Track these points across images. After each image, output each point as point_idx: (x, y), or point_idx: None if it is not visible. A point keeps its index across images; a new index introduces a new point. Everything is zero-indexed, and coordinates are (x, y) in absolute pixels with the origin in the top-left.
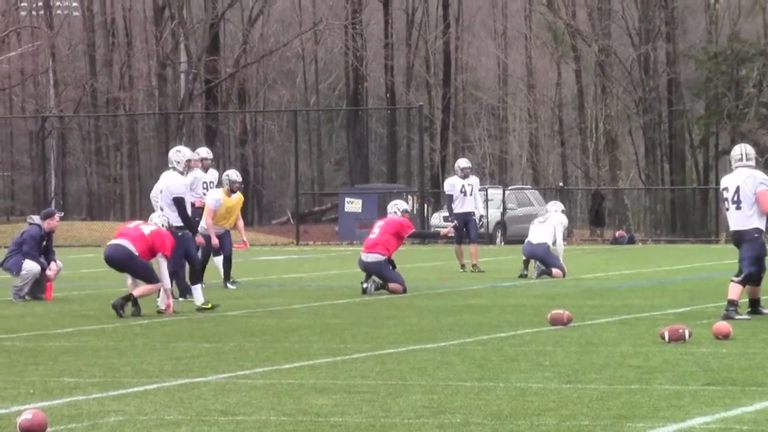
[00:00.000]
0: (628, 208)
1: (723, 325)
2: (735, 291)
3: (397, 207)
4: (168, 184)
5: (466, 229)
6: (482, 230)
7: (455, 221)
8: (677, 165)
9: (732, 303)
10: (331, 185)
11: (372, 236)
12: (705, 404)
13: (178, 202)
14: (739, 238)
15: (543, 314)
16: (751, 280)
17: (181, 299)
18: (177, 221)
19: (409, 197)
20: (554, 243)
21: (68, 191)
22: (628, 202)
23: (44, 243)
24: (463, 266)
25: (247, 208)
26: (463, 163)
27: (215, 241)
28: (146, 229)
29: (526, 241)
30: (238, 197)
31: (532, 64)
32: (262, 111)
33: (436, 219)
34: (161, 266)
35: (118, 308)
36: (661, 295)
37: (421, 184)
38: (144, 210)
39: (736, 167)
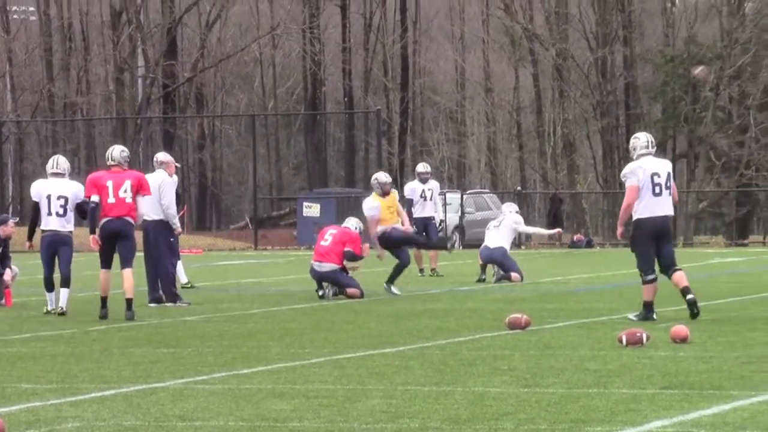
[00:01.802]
0: (586, 211)
1: (681, 329)
2: (684, 278)
3: (360, 225)
4: (76, 190)
5: (426, 234)
6: (441, 234)
7: (414, 226)
8: None
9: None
10: (289, 190)
11: (324, 243)
12: (663, 408)
13: (80, 207)
14: (668, 226)
15: (501, 318)
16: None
17: (170, 304)
18: (154, 215)
19: None
20: (516, 244)
21: (26, 196)
22: (586, 205)
23: (0, 249)
24: (421, 270)
25: (205, 213)
26: (420, 168)
27: (382, 253)
28: (127, 196)
29: (483, 245)
30: (392, 194)
31: (490, 68)
32: (219, 115)
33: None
34: (140, 206)
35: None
36: (619, 298)
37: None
38: None
39: (643, 154)
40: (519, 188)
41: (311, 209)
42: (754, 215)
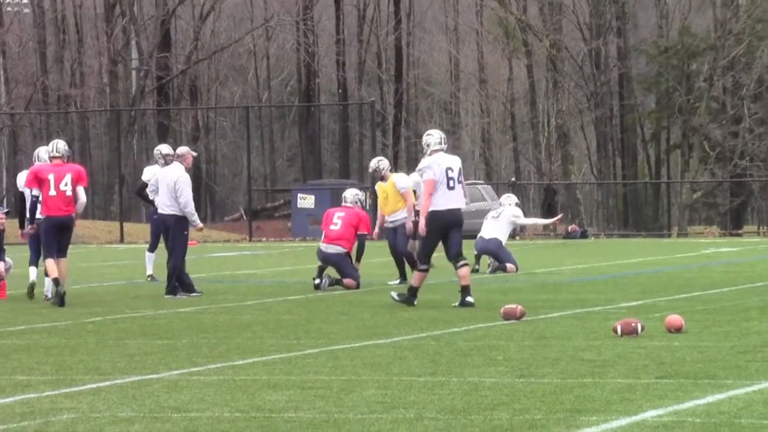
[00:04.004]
0: (581, 202)
1: (675, 319)
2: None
3: (358, 198)
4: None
5: None
6: None
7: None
8: (629, 159)
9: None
10: (283, 181)
11: (334, 228)
12: (657, 397)
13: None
14: (460, 218)
15: (496, 309)
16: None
17: (183, 295)
18: (170, 210)
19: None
20: (511, 235)
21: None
22: (580, 196)
23: None
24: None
25: (200, 205)
26: None
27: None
28: (67, 189)
29: (478, 236)
30: (388, 183)
31: (484, 60)
32: (214, 107)
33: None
34: (81, 195)
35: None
36: (614, 289)
37: (374, 180)
38: (96, 208)
39: (436, 150)
40: (513, 179)
41: (306, 201)
42: (748, 205)
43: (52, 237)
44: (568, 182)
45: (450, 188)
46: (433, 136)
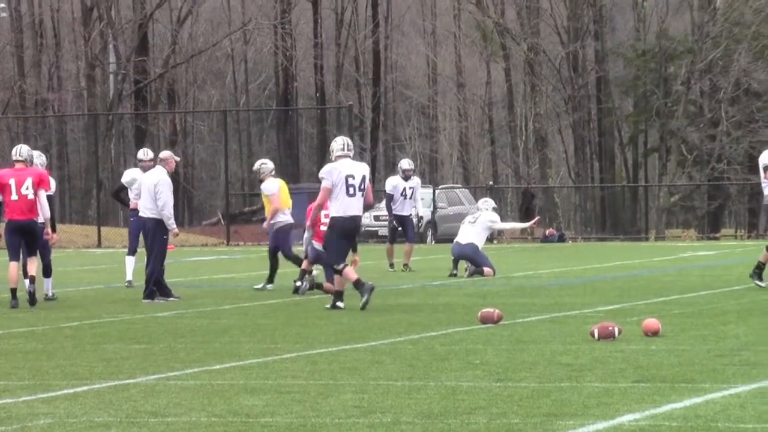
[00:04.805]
0: (558, 206)
1: (652, 323)
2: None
3: None
4: None
5: (402, 229)
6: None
7: (395, 222)
8: (606, 163)
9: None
10: None
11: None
12: (634, 401)
13: None
14: (358, 226)
15: (473, 313)
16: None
17: (161, 300)
18: (150, 213)
19: None
20: (489, 238)
21: None
22: (558, 200)
23: None
24: (392, 265)
25: (177, 209)
26: (405, 164)
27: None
28: (29, 193)
29: (454, 241)
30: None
31: (462, 63)
32: (191, 111)
33: (367, 218)
34: (42, 199)
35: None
36: (591, 292)
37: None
38: (74, 213)
39: (340, 156)
40: (491, 183)
41: None
42: (725, 209)
43: (15, 240)
44: (546, 186)
45: (350, 195)
46: (338, 143)
